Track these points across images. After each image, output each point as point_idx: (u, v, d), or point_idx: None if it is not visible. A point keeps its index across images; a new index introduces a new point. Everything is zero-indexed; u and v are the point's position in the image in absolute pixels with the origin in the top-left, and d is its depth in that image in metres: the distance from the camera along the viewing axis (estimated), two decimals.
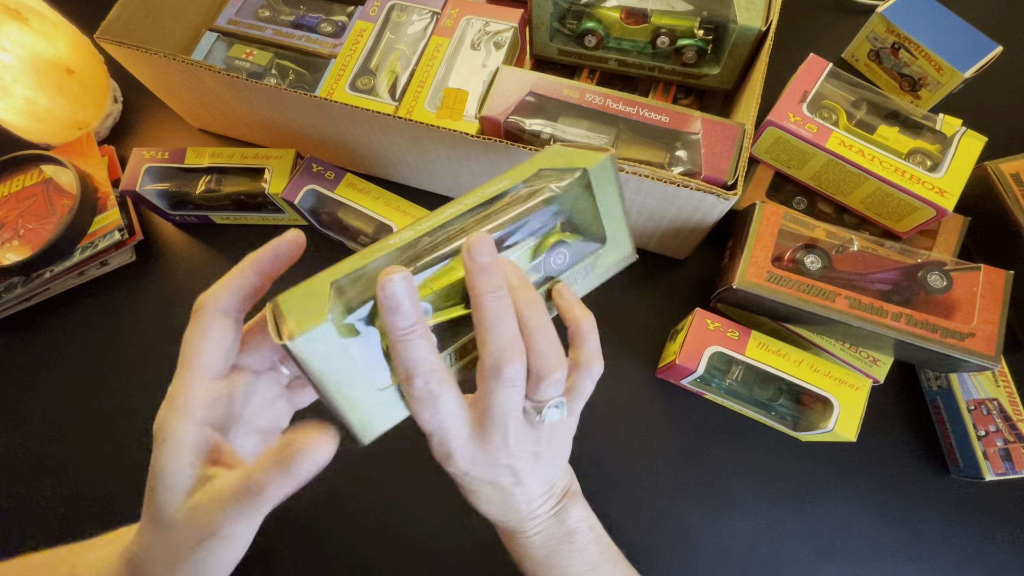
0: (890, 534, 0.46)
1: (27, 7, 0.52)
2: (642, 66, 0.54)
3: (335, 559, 0.46)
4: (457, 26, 0.50)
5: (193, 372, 0.25)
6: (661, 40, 0.51)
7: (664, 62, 0.53)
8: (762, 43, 0.47)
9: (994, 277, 0.41)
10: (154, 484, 0.25)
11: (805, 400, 0.47)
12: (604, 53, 0.54)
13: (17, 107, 0.53)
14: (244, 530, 0.25)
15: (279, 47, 0.55)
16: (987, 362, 0.39)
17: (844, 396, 0.42)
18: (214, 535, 0.24)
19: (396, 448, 0.50)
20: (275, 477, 0.23)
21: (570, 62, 0.56)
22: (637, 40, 0.52)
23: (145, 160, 0.52)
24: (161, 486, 0.25)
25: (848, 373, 0.42)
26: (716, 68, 0.51)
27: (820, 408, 0.44)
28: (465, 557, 0.45)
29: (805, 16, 0.65)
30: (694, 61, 0.52)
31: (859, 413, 0.41)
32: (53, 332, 0.53)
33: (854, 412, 0.41)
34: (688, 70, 0.52)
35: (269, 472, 0.23)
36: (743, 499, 0.47)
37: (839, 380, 0.42)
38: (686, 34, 0.50)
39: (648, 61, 0.53)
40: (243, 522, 0.25)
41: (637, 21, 0.51)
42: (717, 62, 0.51)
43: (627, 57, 0.53)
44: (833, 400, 0.42)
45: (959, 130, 0.47)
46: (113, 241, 0.52)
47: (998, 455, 0.44)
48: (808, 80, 0.48)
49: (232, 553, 0.26)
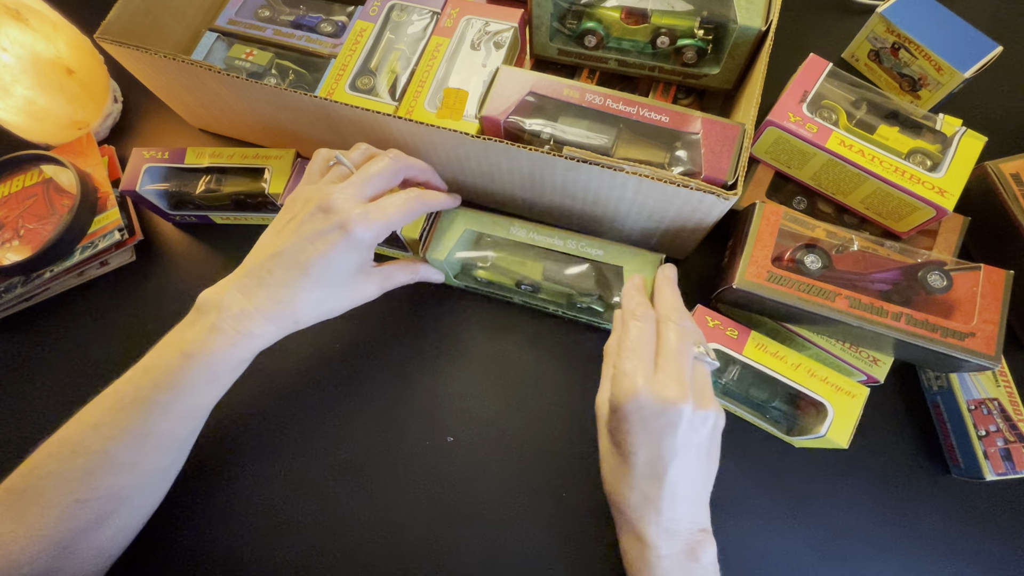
0: (890, 534, 0.46)
1: (27, 7, 0.52)
2: (642, 66, 0.54)
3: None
4: (457, 26, 0.50)
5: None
6: (661, 40, 0.51)
7: (664, 62, 0.53)
8: (762, 43, 0.47)
9: (994, 277, 0.41)
10: (333, 266, 0.40)
11: (800, 404, 0.47)
12: (604, 53, 0.54)
13: (17, 107, 0.53)
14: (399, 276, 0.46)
15: (279, 47, 0.55)
16: (987, 362, 0.39)
17: (839, 402, 0.41)
18: (388, 277, 0.45)
19: (396, 448, 0.50)
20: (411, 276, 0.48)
21: (570, 62, 0.56)
22: (637, 40, 0.53)
23: (145, 160, 0.52)
24: (348, 268, 0.41)
25: (846, 380, 0.42)
26: (716, 68, 0.51)
27: (814, 413, 0.44)
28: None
29: (805, 16, 0.65)
30: (694, 61, 0.52)
31: (854, 420, 0.41)
32: (53, 332, 0.53)
33: (848, 419, 0.41)
34: (688, 70, 0.52)
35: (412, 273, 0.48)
36: (742, 498, 0.47)
37: (836, 386, 0.42)
38: (686, 34, 0.50)
39: (648, 61, 0.53)
40: (405, 274, 0.47)
41: (637, 21, 0.51)
42: (717, 62, 0.51)
43: (627, 57, 0.53)
44: (828, 405, 0.41)
45: (959, 130, 0.47)
46: (113, 241, 0.52)
47: (998, 455, 0.44)
48: (808, 80, 0.48)
49: (331, 295, 0.41)
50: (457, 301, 0.53)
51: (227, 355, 0.38)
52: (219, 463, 0.47)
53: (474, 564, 0.45)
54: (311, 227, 0.38)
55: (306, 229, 0.38)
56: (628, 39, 0.53)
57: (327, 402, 0.50)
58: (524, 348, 0.52)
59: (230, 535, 0.45)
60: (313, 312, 0.40)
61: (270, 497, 0.47)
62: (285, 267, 0.38)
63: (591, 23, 0.52)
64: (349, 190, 0.39)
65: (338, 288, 0.40)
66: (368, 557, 0.45)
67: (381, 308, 0.47)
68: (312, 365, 0.51)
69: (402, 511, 0.46)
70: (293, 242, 0.38)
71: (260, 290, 0.38)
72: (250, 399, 0.49)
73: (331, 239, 0.38)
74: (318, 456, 0.48)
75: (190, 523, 0.46)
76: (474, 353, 0.52)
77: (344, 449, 0.48)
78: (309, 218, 0.39)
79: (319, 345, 0.52)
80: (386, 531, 0.46)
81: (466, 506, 0.46)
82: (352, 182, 0.40)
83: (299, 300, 0.39)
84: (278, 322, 0.39)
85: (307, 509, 0.46)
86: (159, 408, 0.37)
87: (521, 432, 0.49)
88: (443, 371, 0.51)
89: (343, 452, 0.48)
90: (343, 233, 0.38)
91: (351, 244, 0.38)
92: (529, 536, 0.46)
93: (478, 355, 0.52)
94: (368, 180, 0.40)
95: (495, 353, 0.52)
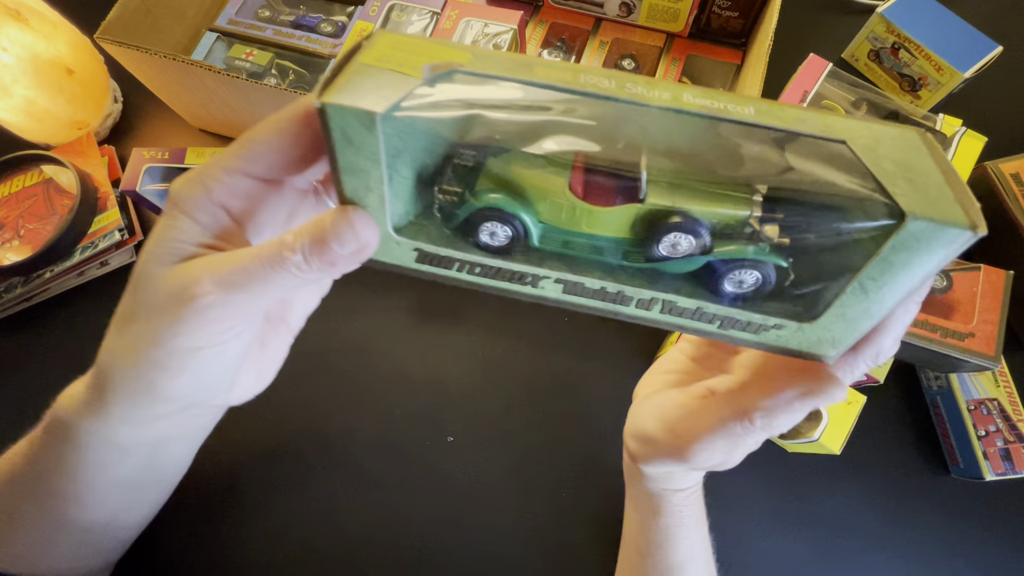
0: (890, 534, 0.46)
1: (27, 7, 0.52)
2: (623, 298, 0.22)
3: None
4: (456, 28, 0.50)
5: (244, 157, 0.21)
6: (668, 244, 0.21)
7: (667, 290, 0.21)
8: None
9: (994, 277, 0.41)
10: (146, 251, 0.22)
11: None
12: (527, 264, 0.21)
13: (17, 107, 0.53)
14: (233, 311, 0.21)
15: (279, 47, 0.55)
16: (987, 362, 0.39)
17: (835, 407, 0.41)
18: (195, 298, 0.20)
19: (395, 453, 0.50)
20: (307, 240, 0.19)
21: (442, 277, 0.22)
22: (605, 237, 0.22)
23: (145, 160, 0.52)
24: (155, 249, 0.22)
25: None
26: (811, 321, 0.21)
27: (808, 417, 0.44)
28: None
29: (805, 16, 0.65)
30: (751, 293, 0.21)
31: (848, 427, 0.41)
32: (53, 332, 0.53)
33: (843, 425, 0.41)
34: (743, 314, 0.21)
35: (302, 234, 0.19)
36: (741, 498, 0.47)
37: None
38: (732, 234, 0.21)
39: (636, 287, 0.21)
40: (236, 295, 0.20)
41: (608, 199, 0.21)
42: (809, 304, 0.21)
43: (583, 276, 0.21)
44: (822, 410, 0.41)
45: (959, 130, 0.47)
46: (113, 241, 0.52)
47: (998, 455, 0.44)
48: (808, 80, 0.48)
49: (210, 353, 0.21)
50: (459, 299, 0.53)
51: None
52: (219, 463, 0.47)
53: (474, 564, 0.45)
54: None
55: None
56: (582, 234, 0.22)
57: (327, 402, 0.50)
58: (525, 348, 0.52)
59: (230, 535, 0.45)
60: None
61: (269, 497, 0.47)
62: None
63: (495, 197, 0.21)
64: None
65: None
66: (368, 557, 0.45)
67: (381, 307, 0.47)
68: (311, 365, 0.51)
69: (402, 511, 0.46)
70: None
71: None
72: (249, 401, 0.49)
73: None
74: (318, 456, 0.48)
75: (188, 523, 0.46)
76: (475, 353, 0.52)
77: (344, 449, 0.48)
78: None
79: (318, 345, 0.52)
80: (386, 531, 0.46)
81: (466, 506, 0.46)
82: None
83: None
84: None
85: (307, 509, 0.46)
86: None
87: (521, 432, 0.49)
88: (443, 371, 0.51)
89: (343, 452, 0.48)
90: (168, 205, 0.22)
91: (166, 210, 0.22)
92: (529, 536, 0.46)
93: (479, 355, 0.52)
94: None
95: (496, 353, 0.52)
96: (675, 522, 0.35)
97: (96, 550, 0.36)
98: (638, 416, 0.31)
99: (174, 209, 0.22)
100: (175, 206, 0.22)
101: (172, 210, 0.22)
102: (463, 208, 0.21)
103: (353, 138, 0.18)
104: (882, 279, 0.18)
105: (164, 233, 0.22)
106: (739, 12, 0.55)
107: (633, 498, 0.38)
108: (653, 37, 0.60)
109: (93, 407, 0.25)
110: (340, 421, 0.49)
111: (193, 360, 0.22)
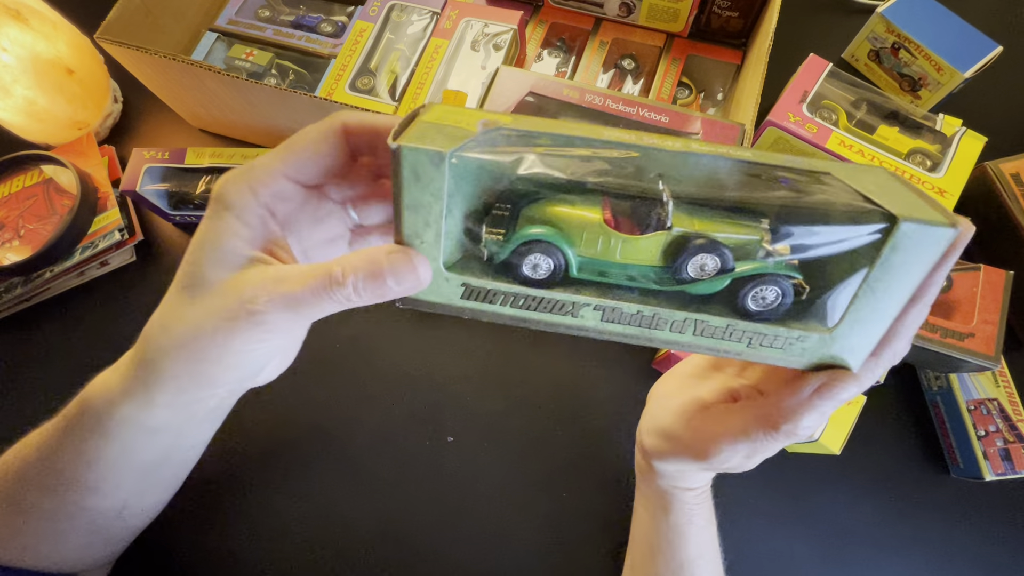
0: (890, 534, 0.46)
1: (27, 7, 0.52)
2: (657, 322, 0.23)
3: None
4: (456, 27, 0.50)
5: (286, 161, 0.23)
6: (696, 265, 0.23)
7: (700, 311, 0.23)
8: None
9: (994, 277, 0.41)
10: (199, 253, 0.23)
11: None
12: (566, 294, 0.23)
13: (17, 107, 0.53)
14: (283, 326, 0.23)
15: (279, 47, 0.55)
16: (987, 362, 0.39)
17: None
18: (252, 314, 0.22)
19: (398, 451, 0.50)
20: (362, 275, 0.21)
21: (481, 312, 0.24)
22: (639, 267, 0.24)
23: (145, 160, 0.52)
24: (210, 253, 0.23)
25: None
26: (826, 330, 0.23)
27: None
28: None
29: (805, 16, 0.65)
30: (772, 309, 0.23)
31: (848, 427, 0.41)
32: (53, 332, 0.53)
33: (843, 426, 0.41)
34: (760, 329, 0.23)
35: (356, 269, 0.21)
36: (741, 498, 0.47)
37: None
38: (748, 254, 0.23)
39: (671, 310, 0.23)
40: (288, 314, 0.22)
41: (636, 227, 0.24)
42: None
43: (621, 302, 0.23)
44: None
45: (959, 130, 0.47)
46: (113, 241, 0.52)
47: (998, 455, 0.44)
48: (808, 80, 0.48)
49: (257, 351, 0.24)
50: None
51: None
52: (220, 463, 0.47)
53: (474, 563, 0.45)
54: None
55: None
56: (616, 264, 0.24)
57: (327, 402, 0.50)
58: (525, 348, 0.52)
59: (230, 535, 0.46)
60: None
61: (269, 497, 0.47)
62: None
63: (540, 230, 0.23)
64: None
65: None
66: (368, 556, 0.45)
67: (381, 307, 0.47)
68: (311, 366, 0.51)
69: (402, 511, 0.46)
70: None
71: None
72: (248, 402, 0.49)
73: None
74: (318, 456, 0.48)
75: (190, 524, 0.46)
76: (475, 353, 0.52)
77: (344, 449, 0.48)
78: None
79: (319, 345, 0.52)
80: (386, 531, 0.46)
81: (466, 506, 0.46)
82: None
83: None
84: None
85: (307, 509, 0.46)
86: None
87: (521, 432, 0.49)
88: (443, 371, 0.51)
89: (343, 452, 0.48)
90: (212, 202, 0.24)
91: (214, 211, 0.23)
92: (529, 536, 0.46)
93: (479, 355, 0.52)
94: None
95: (496, 353, 0.52)
96: (685, 520, 0.36)
97: (105, 539, 0.36)
98: (657, 413, 0.32)
99: (223, 210, 0.23)
100: (224, 208, 0.23)
101: (221, 211, 0.23)
102: (512, 239, 0.23)
103: (421, 175, 0.20)
104: (887, 279, 0.20)
105: (217, 236, 0.23)
106: (739, 12, 0.55)
107: (644, 495, 0.39)
108: (653, 37, 0.60)
109: (132, 393, 0.27)
110: (340, 421, 0.49)
111: (242, 356, 0.24)
